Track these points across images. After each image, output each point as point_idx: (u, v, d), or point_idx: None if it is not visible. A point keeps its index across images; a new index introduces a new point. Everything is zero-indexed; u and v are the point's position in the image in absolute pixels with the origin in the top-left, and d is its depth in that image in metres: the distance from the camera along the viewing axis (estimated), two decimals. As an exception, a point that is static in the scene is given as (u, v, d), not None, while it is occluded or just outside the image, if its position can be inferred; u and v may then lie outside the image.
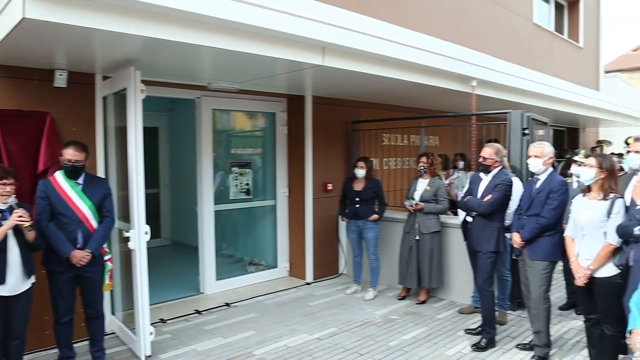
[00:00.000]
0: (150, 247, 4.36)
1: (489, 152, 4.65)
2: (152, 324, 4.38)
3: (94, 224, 3.93)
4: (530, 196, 4.24)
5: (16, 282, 3.47)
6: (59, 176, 3.89)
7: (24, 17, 2.85)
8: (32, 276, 3.63)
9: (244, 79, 5.52)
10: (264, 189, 7.06)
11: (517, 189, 4.73)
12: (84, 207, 3.87)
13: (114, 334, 4.86)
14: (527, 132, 5.43)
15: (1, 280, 3.38)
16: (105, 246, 4.11)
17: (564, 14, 13.64)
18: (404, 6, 7.41)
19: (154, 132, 8.97)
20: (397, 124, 7.47)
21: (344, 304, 5.91)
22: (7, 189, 3.45)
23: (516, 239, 4.26)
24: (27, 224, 3.42)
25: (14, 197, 3.52)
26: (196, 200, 6.24)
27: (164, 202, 9.27)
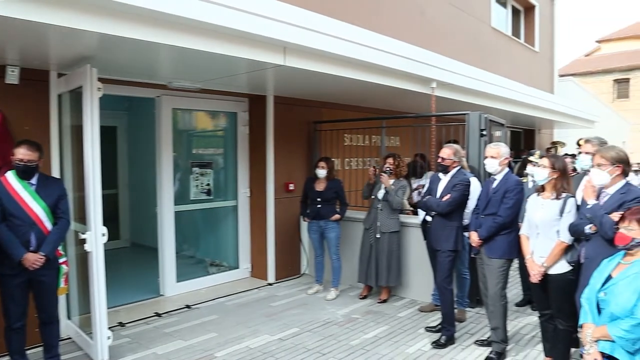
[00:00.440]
0: (108, 249, 4.27)
1: (447, 152, 4.73)
2: (110, 327, 4.27)
3: (48, 225, 3.81)
4: (487, 196, 4.34)
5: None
6: (10, 176, 3.75)
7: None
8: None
9: (205, 78, 5.47)
10: (225, 189, 7.00)
11: (475, 188, 4.82)
12: (37, 208, 3.75)
13: (69, 339, 4.72)
14: (484, 133, 5.56)
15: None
16: (60, 248, 3.98)
17: (521, 19, 14.01)
18: (366, 8, 7.46)
19: (112, 131, 8.76)
20: (359, 125, 7.53)
21: (306, 304, 5.92)
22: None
23: (474, 237, 4.35)
24: None
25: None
26: (156, 200, 6.14)
27: (123, 203, 9.07)
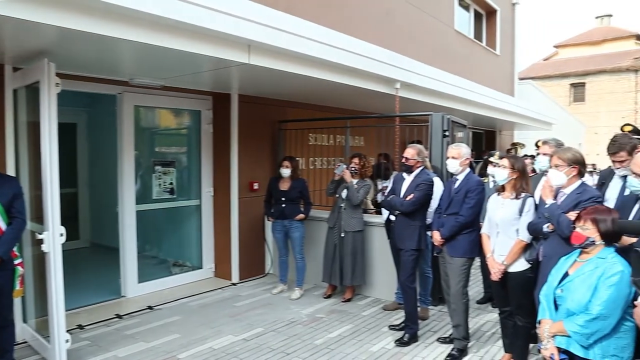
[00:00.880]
0: (67, 250, 4.15)
1: (411, 152, 4.79)
2: (68, 330, 4.15)
3: (2, 225, 3.67)
4: (449, 195, 4.41)
5: None
6: (-38, 175, 3.61)
7: None
8: None
9: (168, 75, 5.38)
10: (188, 188, 6.90)
11: (438, 188, 4.90)
12: (-10, 207, 3.62)
13: (25, 343, 4.56)
14: (447, 133, 5.65)
15: None
16: (15, 249, 3.84)
17: (483, 23, 14.28)
18: (332, 8, 7.48)
19: (71, 128, 8.54)
20: (324, 124, 7.54)
21: (271, 303, 5.89)
22: None
23: (436, 236, 4.42)
24: None
25: None
26: (117, 200, 6.00)
27: (83, 202, 8.84)
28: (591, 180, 6.51)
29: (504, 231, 3.87)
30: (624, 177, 3.57)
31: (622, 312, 2.68)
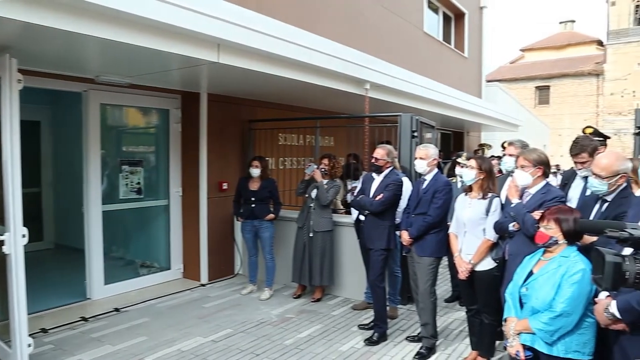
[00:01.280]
0: (30, 251, 4.04)
1: (381, 153, 4.82)
2: (31, 334, 4.05)
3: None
4: (417, 196, 4.45)
5: None
6: None
7: None
8: None
9: (135, 73, 5.29)
10: (156, 188, 6.79)
11: (407, 188, 4.94)
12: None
13: (-15, 346, 4.44)
14: (416, 134, 5.71)
15: None
16: (-26, 250, 3.74)
17: (451, 26, 14.48)
18: (302, 8, 7.48)
19: (35, 126, 8.32)
20: (293, 124, 7.54)
21: (240, 304, 5.85)
22: None
23: (405, 236, 4.45)
24: None
25: None
26: (82, 200, 5.87)
27: (47, 202, 8.62)
28: (555, 180, 6.67)
29: (471, 230, 3.93)
30: (586, 177, 3.67)
31: (584, 309, 2.75)
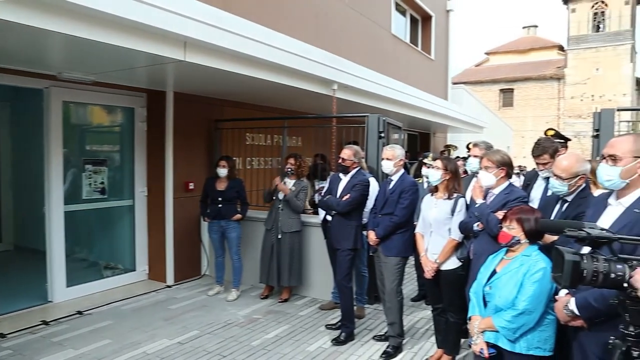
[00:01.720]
0: (-14, 253, 3.91)
1: (348, 153, 4.84)
2: (-13, 338, 3.93)
3: None
4: (384, 196, 4.49)
5: None
6: None
7: None
8: None
9: (99, 70, 5.17)
10: (121, 188, 6.66)
11: (374, 188, 4.98)
12: None
13: (-62, 353, 4.29)
14: (383, 135, 5.76)
15: None
16: None
17: (418, 28, 14.64)
18: (269, 7, 7.45)
19: (-8, 124, 8.06)
20: (261, 124, 7.51)
21: (207, 305, 5.79)
22: None
23: (372, 236, 4.48)
24: None
25: None
26: (44, 200, 5.71)
27: (6, 203, 8.34)
28: (518, 181, 6.81)
29: (437, 230, 3.98)
30: (547, 178, 3.77)
31: (545, 307, 2.82)
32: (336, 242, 4.83)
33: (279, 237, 5.82)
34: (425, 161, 5.63)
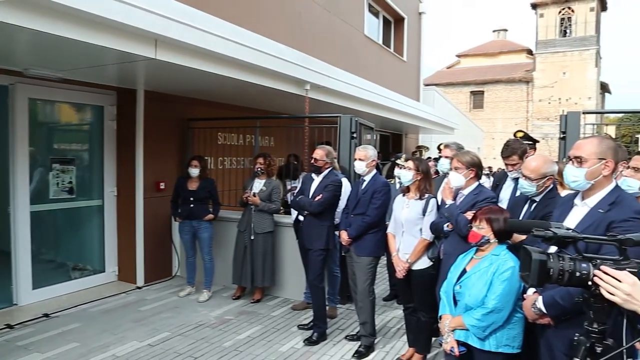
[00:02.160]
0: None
1: (320, 153, 4.85)
2: (-52, 342, 3.81)
3: None
4: (356, 196, 4.51)
5: None
6: None
7: None
8: None
9: (67, 67, 5.05)
10: (89, 187, 6.52)
11: (346, 189, 5.00)
12: None
13: None
14: (355, 135, 5.78)
15: None
16: None
17: (391, 30, 14.74)
18: (242, 6, 7.41)
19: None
20: (233, 124, 7.46)
21: (178, 307, 5.73)
22: None
23: (344, 236, 4.50)
24: None
25: None
26: (8, 199, 5.56)
27: (-33, 203, 8.10)
28: (488, 182, 6.93)
29: (409, 230, 4.02)
30: (516, 179, 3.84)
31: (513, 305, 2.88)
32: (308, 242, 4.83)
33: (252, 238, 5.79)
34: (397, 162, 5.67)
